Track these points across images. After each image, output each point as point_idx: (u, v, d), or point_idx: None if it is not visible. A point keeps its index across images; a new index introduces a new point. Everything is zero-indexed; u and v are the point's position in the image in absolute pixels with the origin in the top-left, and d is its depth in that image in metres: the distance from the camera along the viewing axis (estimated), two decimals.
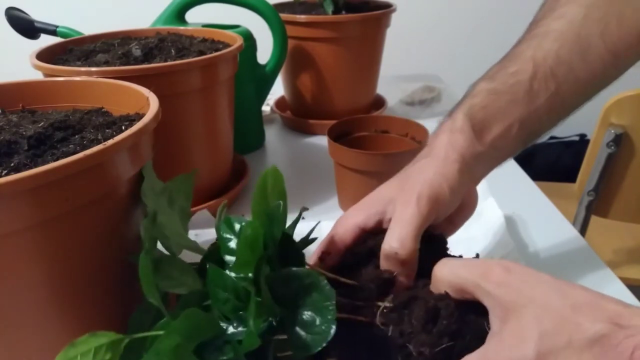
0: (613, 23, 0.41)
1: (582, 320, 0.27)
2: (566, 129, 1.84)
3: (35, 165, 0.33)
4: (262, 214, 0.34)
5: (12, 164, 0.33)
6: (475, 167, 0.41)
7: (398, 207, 0.38)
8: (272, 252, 0.34)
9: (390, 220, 0.39)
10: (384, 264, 0.37)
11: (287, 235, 0.35)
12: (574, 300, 0.27)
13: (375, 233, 0.40)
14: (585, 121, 1.43)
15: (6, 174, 0.31)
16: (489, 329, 0.30)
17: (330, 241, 0.40)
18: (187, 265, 0.37)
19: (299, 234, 0.39)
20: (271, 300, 0.31)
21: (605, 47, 0.41)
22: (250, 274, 0.32)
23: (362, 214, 0.40)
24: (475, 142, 0.40)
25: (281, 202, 0.34)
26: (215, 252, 0.37)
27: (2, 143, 0.35)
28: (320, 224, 0.44)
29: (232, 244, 0.36)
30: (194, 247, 0.39)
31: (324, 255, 0.39)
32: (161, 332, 0.30)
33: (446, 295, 0.32)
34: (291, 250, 0.35)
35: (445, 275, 0.32)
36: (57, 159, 0.33)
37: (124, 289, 0.38)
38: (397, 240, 0.36)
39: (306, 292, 0.32)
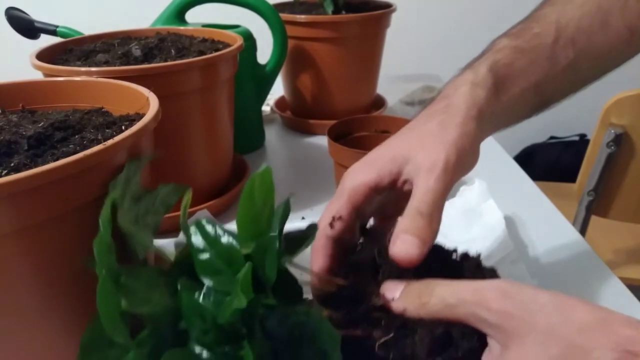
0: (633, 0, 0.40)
1: (592, 347, 0.25)
2: (566, 129, 1.84)
3: (35, 165, 0.33)
4: (252, 237, 0.30)
5: (12, 164, 0.33)
6: (487, 124, 0.38)
7: (423, 173, 0.34)
8: (266, 289, 0.30)
9: (405, 181, 0.35)
10: (406, 225, 0.32)
11: (283, 268, 0.30)
12: (580, 323, 0.26)
13: (378, 233, 0.37)
14: (585, 121, 1.43)
15: (6, 174, 0.31)
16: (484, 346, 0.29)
17: (339, 203, 0.36)
18: (154, 275, 0.30)
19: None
20: (265, 343, 0.28)
21: (624, 22, 0.40)
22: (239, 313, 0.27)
23: (373, 172, 0.36)
24: (495, 99, 0.38)
25: (276, 234, 0.29)
26: (188, 259, 0.31)
27: (2, 143, 0.35)
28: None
29: (206, 256, 0.30)
30: (159, 252, 0.34)
31: (334, 221, 0.35)
32: None
33: (459, 323, 0.30)
34: (287, 284, 0.31)
35: (435, 305, 0.30)
36: (57, 159, 0.33)
37: None
38: (424, 205, 0.33)
39: (306, 334, 0.28)
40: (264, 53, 0.83)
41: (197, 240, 0.31)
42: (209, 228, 0.31)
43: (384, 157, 0.36)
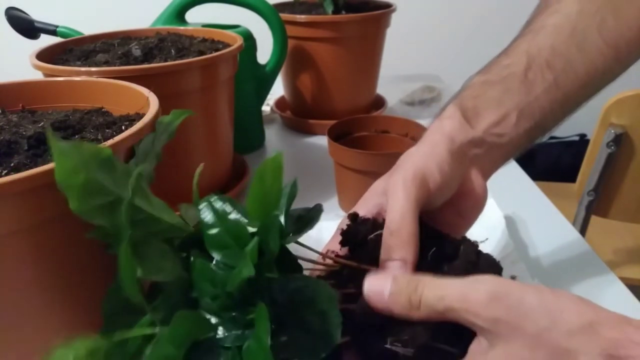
0: (609, 18, 0.40)
1: (578, 351, 0.26)
2: (566, 129, 1.84)
3: (35, 165, 0.33)
4: (260, 216, 0.31)
5: (12, 164, 0.33)
6: (472, 151, 0.40)
7: (388, 196, 0.37)
8: (270, 263, 0.31)
9: (385, 211, 0.38)
10: (385, 253, 0.35)
11: (283, 247, 0.32)
12: (568, 327, 0.27)
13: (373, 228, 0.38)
14: (585, 121, 1.43)
15: (6, 174, 0.31)
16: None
17: (333, 239, 0.39)
18: (165, 247, 0.32)
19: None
20: (269, 309, 0.29)
21: (603, 41, 0.40)
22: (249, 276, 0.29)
23: (361, 210, 0.40)
24: (466, 126, 0.40)
25: (278, 213, 0.31)
26: (198, 235, 0.33)
27: (2, 143, 0.35)
28: (321, 224, 0.44)
29: (215, 231, 0.32)
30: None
31: (328, 253, 0.38)
32: (144, 331, 0.27)
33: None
34: (288, 261, 0.32)
35: (423, 312, 0.30)
36: None
37: None
38: (392, 223, 0.35)
39: (305, 296, 0.30)
40: (264, 53, 0.83)
41: (207, 215, 0.32)
42: (219, 205, 0.32)
43: (368, 195, 0.41)
